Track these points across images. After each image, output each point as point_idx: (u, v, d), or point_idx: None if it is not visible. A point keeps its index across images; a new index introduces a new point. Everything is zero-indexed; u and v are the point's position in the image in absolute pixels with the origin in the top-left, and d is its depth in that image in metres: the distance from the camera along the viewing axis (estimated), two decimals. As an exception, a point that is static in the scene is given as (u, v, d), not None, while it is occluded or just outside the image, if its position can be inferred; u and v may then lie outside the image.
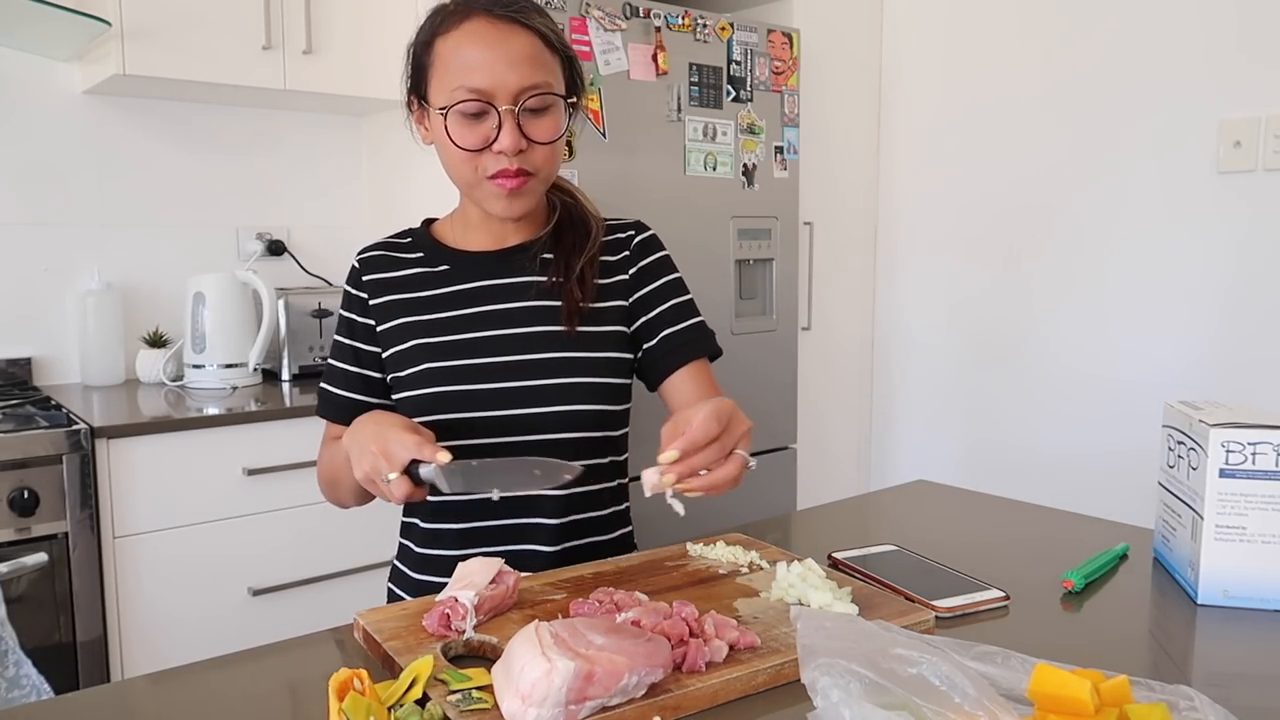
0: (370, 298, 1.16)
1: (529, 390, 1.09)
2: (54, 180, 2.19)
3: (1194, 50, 2.16)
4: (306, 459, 1.92)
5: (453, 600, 0.79)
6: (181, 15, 2.00)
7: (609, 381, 1.12)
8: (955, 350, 2.71)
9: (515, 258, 1.15)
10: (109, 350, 2.16)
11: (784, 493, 2.55)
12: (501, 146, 1.02)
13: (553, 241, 1.16)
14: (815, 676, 0.61)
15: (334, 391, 1.19)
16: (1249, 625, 0.84)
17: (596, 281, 1.14)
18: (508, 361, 1.10)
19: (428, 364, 1.11)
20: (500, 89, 1.02)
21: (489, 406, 1.09)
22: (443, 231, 1.20)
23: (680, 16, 2.21)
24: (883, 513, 1.25)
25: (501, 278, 1.14)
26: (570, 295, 1.11)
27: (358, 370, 1.17)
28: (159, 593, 1.77)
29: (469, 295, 1.13)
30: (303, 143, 2.53)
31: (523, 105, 1.03)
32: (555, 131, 1.06)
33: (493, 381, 1.09)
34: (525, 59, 1.03)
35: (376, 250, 1.20)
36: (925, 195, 2.75)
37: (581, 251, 1.14)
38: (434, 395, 1.10)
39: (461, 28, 1.05)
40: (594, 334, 1.12)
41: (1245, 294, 2.12)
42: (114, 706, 0.73)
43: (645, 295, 1.16)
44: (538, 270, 1.14)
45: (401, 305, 1.15)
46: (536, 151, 1.05)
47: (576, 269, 1.13)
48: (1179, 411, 0.94)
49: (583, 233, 1.16)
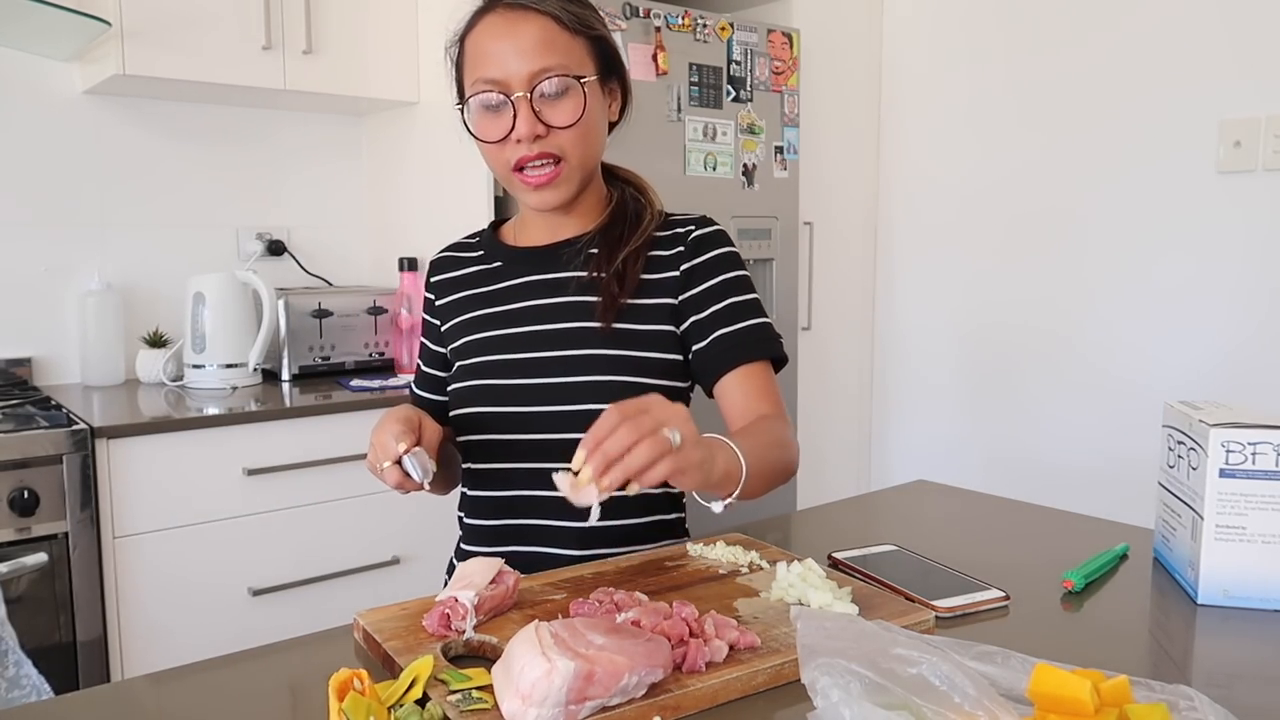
0: (437, 298, 1.21)
1: (561, 387, 1.08)
2: (54, 180, 2.19)
3: (1194, 50, 2.16)
4: (307, 459, 1.92)
5: (453, 600, 0.79)
6: (181, 15, 2.00)
7: (647, 382, 1.07)
8: (955, 350, 2.71)
9: (561, 253, 1.13)
10: (109, 350, 2.16)
11: (784, 493, 2.54)
12: (518, 134, 1.02)
13: (601, 235, 1.13)
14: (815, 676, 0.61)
15: (418, 394, 1.25)
16: (1249, 625, 0.84)
17: (643, 277, 1.10)
18: (542, 357, 1.09)
19: (472, 359, 1.13)
20: (513, 76, 1.02)
21: (520, 402, 1.09)
22: (506, 231, 1.22)
23: (680, 16, 2.21)
24: (883, 513, 1.25)
25: (545, 272, 1.13)
26: (608, 289, 1.09)
27: (430, 371, 1.23)
28: (159, 593, 1.77)
29: (514, 291, 1.14)
30: (302, 143, 2.53)
31: (538, 91, 1.02)
32: (575, 114, 1.04)
33: (527, 377, 1.09)
34: (537, 44, 1.02)
35: (445, 252, 1.24)
36: (925, 195, 2.75)
37: (625, 245, 1.11)
38: (472, 389, 1.12)
39: (481, 23, 1.06)
40: (633, 331, 1.09)
41: (1245, 294, 2.12)
42: (114, 706, 0.73)
43: (696, 295, 1.10)
44: (581, 264, 1.12)
45: (459, 304, 1.18)
46: (560, 136, 1.04)
47: (617, 262, 1.09)
48: (1179, 411, 0.94)
49: (634, 225, 1.13)
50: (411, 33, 2.33)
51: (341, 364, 2.31)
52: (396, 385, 2.13)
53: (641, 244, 1.11)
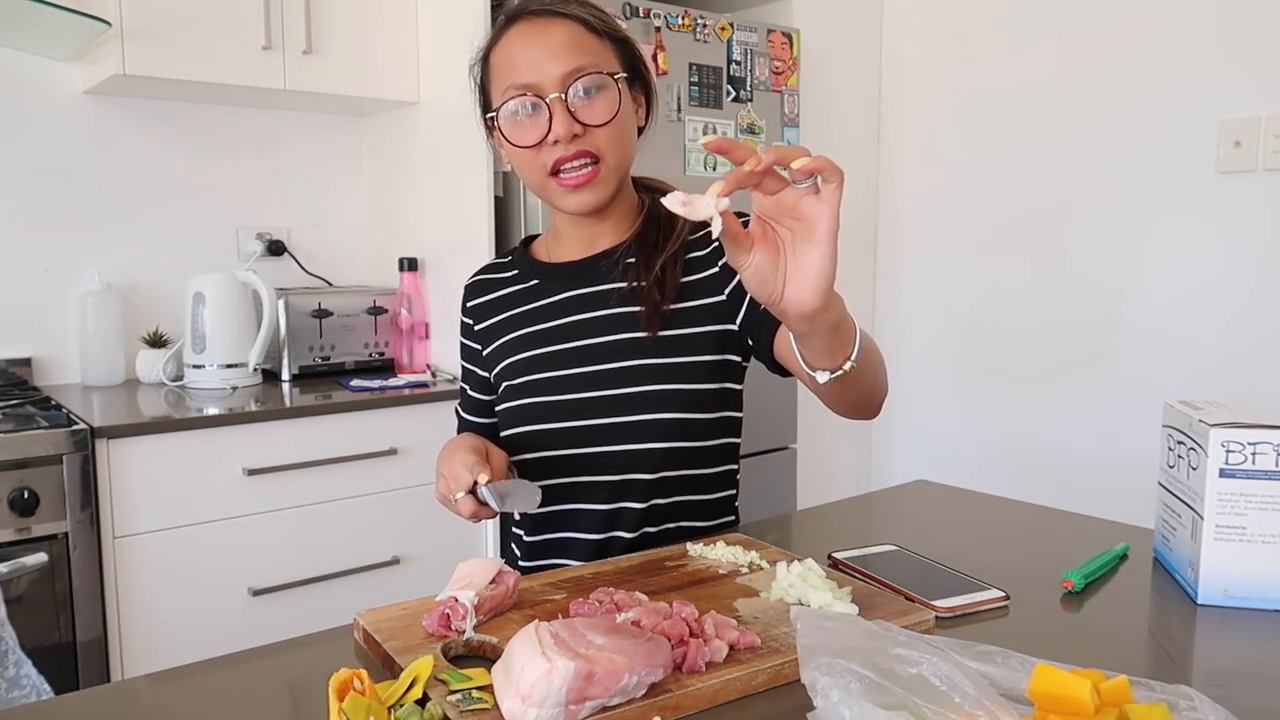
0: (475, 323, 1.21)
1: (609, 400, 1.07)
2: (54, 180, 2.19)
3: (1194, 50, 2.16)
4: (306, 459, 1.92)
5: (453, 600, 0.79)
6: (181, 15, 2.00)
7: (697, 388, 1.08)
8: (955, 350, 2.71)
9: (599, 265, 1.12)
10: (109, 350, 2.16)
11: (784, 493, 2.55)
12: (556, 135, 1.01)
13: (636, 245, 1.12)
14: (815, 676, 0.61)
15: (464, 417, 1.27)
16: (1249, 625, 0.84)
17: (684, 280, 1.09)
18: (589, 372, 1.09)
19: (518, 379, 1.13)
20: (545, 79, 1.01)
21: (572, 417, 1.09)
22: (539, 248, 1.21)
23: (680, 16, 2.21)
24: (883, 513, 1.25)
25: (584, 287, 1.13)
26: (649, 298, 1.07)
27: (476, 396, 1.24)
28: (159, 593, 1.77)
29: (555, 308, 1.14)
30: (302, 143, 2.53)
31: (572, 91, 1.02)
32: (610, 111, 1.03)
33: (574, 392, 1.09)
34: (566, 46, 1.02)
35: (480, 275, 1.24)
36: (925, 195, 2.75)
37: (662, 251, 1.10)
38: (521, 408, 1.12)
39: (506, 35, 1.06)
40: (680, 337, 1.08)
41: (1246, 294, 2.11)
42: (114, 706, 0.73)
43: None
44: (620, 275, 1.11)
45: (499, 326, 1.18)
46: (596, 135, 1.03)
47: (655, 268, 1.08)
48: (1179, 411, 0.94)
49: (668, 230, 1.12)
50: (411, 33, 2.33)
51: (341, 364, 2.31)
52: (396, 385, 2.13)
53: (678, 248, 1.11)
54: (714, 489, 1.15)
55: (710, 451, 1.12)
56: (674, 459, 1.09)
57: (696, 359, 1.08)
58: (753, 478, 2.55)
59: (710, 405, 1.10)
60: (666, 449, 1.08)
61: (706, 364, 1.08)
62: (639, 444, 1.08)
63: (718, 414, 1.11)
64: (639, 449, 1.08)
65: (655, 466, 1.09)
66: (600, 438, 1.08)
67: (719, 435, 1.13)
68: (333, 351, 2.30)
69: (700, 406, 1.09)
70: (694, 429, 1.09)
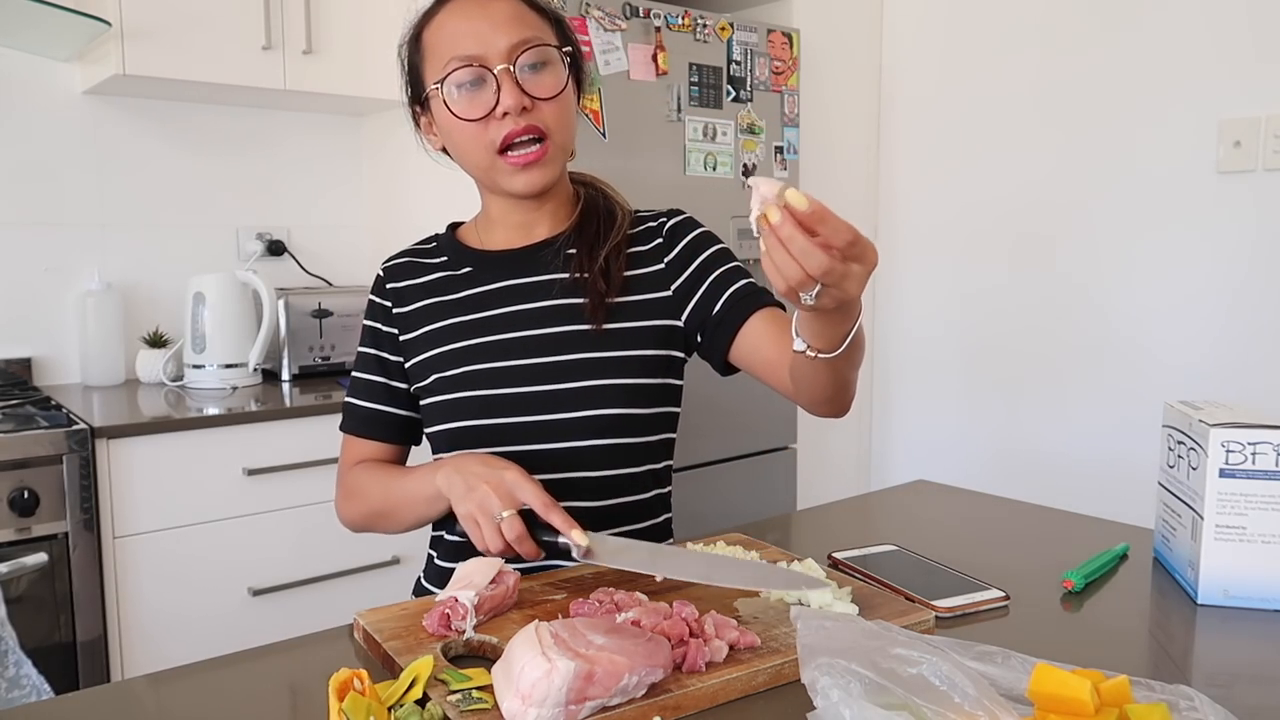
0: (394, 306, 1.14)
1: (553, 394, 1.04)
2: (54, 180, 2.19)
3: (1194, 50, 2.16)
4: (306, 459, 1.92)
5: (453, 600, 0.79)
6: (181, 15, 2.00)
7: (640, 382, 1.06)
8: (955, 350, 2.71)
9: (539, 254, 1.09)
10: (109, 350, 2.16)
11: (784, 493, 2.55)
12: (505, 106, 0.98)
13: (576, 235, 1.10)
14: (815, 676, 0.61)
15: (360, 405, 1.16)
16: (1249, 625, 0.84)
17: (626, 274, 1.08)
18: (531, 364, 1.05)
19: (451, 370, 1.07)
20: (491, 50, 0.99)
21: (512, 412, 1.04)
22: (467, 234, 1.17)
23: (680, 16, 2.21)
24: (883, 513, 1.25)
25: (524, 276, 1.09)
26: (594, 289, 1.05)
27: (383, 381, 1.14)
28: (159, 593, 1.77)
29: (491, 297, 1.09)
30: (303, 143, 2.53)
31: (520, 63, 0.99)
32: (558, 85, 1.02)
33: (515, 386, 1.05)
34: (510, 19, 1.01)
35: (401, 258, 1.18)
36: (925, 195, 2.75)
37: (605, 241, 1.08)
38: (454, 402, 1.06)
39: (443, 10, 1.05)
40: (623, 330, 1.06)
41: (1246, 294, 2.11)
42: (114, 706, 0.73)
43: (690, 276, 1.08)
44: (561, 266, 1.08)
45: (425, 312, 1.11)
46: (543, 110, 1.00)
47: (599, 260, 1.06)
48: (1179, 411, 0.94)
49: (608, 223, 1.10)
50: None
51: (341, 364, 2.31)
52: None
53: (621, 240, 1.09)
54: (653, 486, 1.12)
55: (655, 447, 1.11)
56: (616, 456, 1.06)
57: (641, 353, 1.06)
58: (753, 478, 2.56)
59: (653, 399, 1.08)
60: (609, 445, 1.05)
61: (650, 359, 1.07)
62: (582, 440, 1.05)
63: (657, 409, 1.09)
64: (582, 446, 1.05)
65: (597, 463, 1.06)
66: (539, 434, 1.04)
67: (659, 430, 1.11)
68: (333, 351, 2.30)
69: (644, 400, 1.07)
70: (637, 424, 1.07)
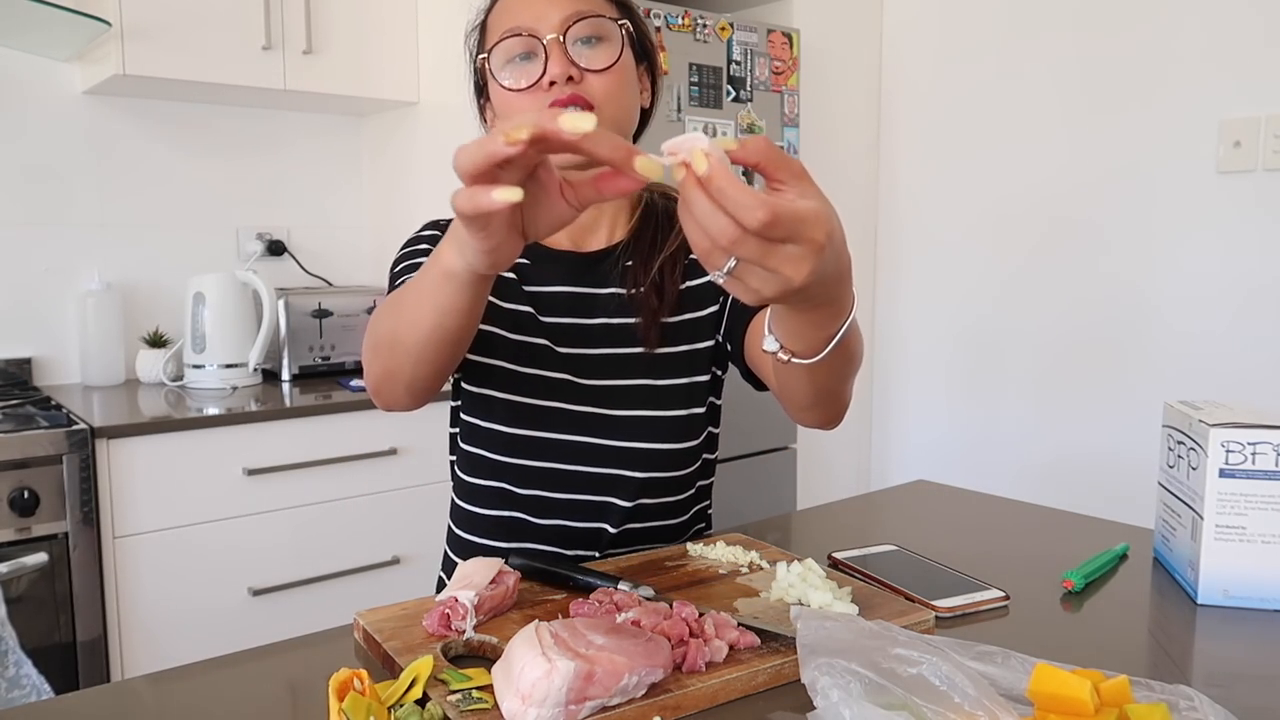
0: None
1: (600, 419, 1.00)
2: (54, 180, 2.20)
3: (1194, 50, 2.16)
4: (306, 459, 1.92)
5: (453, 600, 0.79)
6: (181, 15, 2.01)
7: (686, 414, 1.01)
8: (955, 350, 2.71)
9: (599, 265, 1.03)
10: (109, 350, 2.17)
11: (784, 493, 2.55)
12: (551, 75, 0.92)
13: (634, 243, 1.03)
14: (815, 676, 0.61)
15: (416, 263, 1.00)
16: (1249, 625, 0.84)
17: (683, 286, 1.01)
18: (579, 384, 1.00)
19: (491, 359, 1.00)
20: (542, 21, 0.93)
21: (550, 428, 1.00)
22: None
23: (680, 16, 2.21)
24: (883, 513, 1.25)
25: (581, 285, 1.03)
26: (647, 306, 0.99)
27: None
28: (159, 593, 1.77)
29: (551, 301, 1.03)
30: (303, 143, 2.53)
31: (572, 34, 0.93)
32: (611, 58, 0.94)
33: (557, 401, 1.00)
34: None
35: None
36: (925, 195, 2.75)
37: (660, 251, 1.01)
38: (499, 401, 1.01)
39: None
40: (676, 355, 1.01)
41: (1246, 294, 2.11)
42: (114, 706, 0.73)
43: None
44: (619, 280, 1.02)
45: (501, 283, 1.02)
46: (592, 82, 0.93)
47: (653, 271, 1.00)
48: (1179, 411, 0.94)
49: (666, 229, 1.03)
50: (411, 33, 2.33)
51: (341, 364, 2.31)
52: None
53: (677, 248, 1.02)
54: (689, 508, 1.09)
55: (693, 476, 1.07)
56: (655, 488, 1.02)
57: (688, 380, 1.01)
58: (753, 478, 2.56)
59: (694, 431, 1.03)
60: (649, 479, 1.01)
61: (696, 386, 1.02)
62: (623, 470, 1.00)
63: (696, 441, 1.04)
64: (621, 475, 1.00)
65: (634, 494, 1.01)
66: (582, 456, 1.00)
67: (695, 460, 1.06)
68: (333, 351, 2.30)
69: (686, 434, 1.02)
70: (678, 459, 1.02)
